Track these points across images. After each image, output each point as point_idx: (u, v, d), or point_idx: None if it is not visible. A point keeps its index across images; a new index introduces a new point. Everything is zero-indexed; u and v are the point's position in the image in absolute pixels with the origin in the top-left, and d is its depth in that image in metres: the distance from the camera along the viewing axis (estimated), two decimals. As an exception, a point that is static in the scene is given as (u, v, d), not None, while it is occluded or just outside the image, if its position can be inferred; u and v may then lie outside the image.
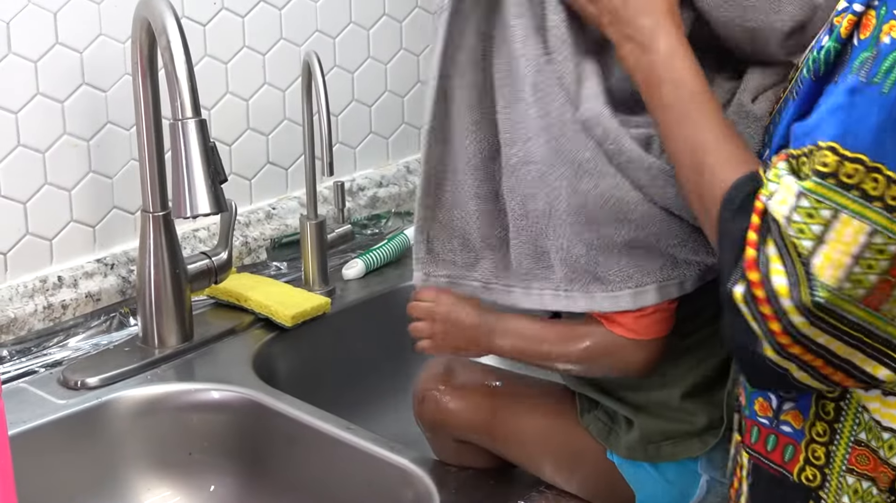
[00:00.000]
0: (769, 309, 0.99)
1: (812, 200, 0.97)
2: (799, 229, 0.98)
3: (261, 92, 1.87)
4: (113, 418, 1.55)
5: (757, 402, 1.13)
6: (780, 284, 0.98)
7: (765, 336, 1.00)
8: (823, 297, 0.97)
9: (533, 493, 1.38)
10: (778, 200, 0.99)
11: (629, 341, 1.22)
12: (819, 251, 0.97)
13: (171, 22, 1.45)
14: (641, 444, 1.28)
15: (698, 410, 1.27)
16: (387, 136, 2.06)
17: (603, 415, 1.32)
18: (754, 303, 1.00)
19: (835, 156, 0.97)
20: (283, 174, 1.93)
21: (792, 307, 0.98)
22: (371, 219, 2.00)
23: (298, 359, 1.74)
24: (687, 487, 1.30)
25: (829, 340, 0.99)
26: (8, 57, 1.60)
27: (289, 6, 1.87)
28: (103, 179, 1.72)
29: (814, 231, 0.97)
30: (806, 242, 0.97)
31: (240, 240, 1.85)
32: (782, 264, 0.99)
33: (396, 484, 1.42)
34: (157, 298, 1.63)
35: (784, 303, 0.98)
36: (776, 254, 0.99)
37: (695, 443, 1.28)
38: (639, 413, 1.28)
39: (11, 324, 1.62)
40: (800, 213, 0.98)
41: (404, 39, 2.04)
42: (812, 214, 0.98)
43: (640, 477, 1.31)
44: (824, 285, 0.97)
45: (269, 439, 1.55)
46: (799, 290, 0.98)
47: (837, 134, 0.97)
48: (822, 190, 0.97)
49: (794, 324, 0.99)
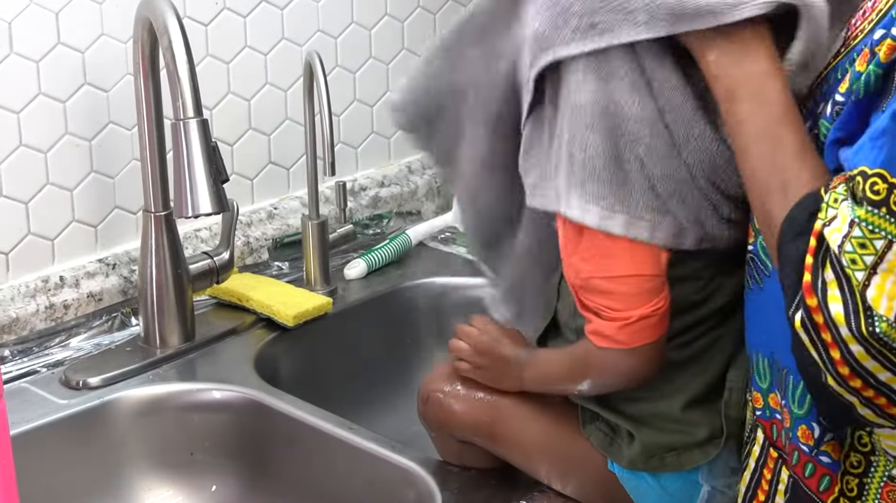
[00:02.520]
0: (829, 336, 0.96)
1: (864, 230, 0.95)
2: (851, 259, 0.95)
3: (262, 92, 1.87)
4: (114, 418, 1.55)
5: (800, 429, 1.11)
6: (837, 311, 0.95)
7: (825, 364, 0.98)
8: (882, 329, 0.94)
9: (535, 494, 1.38)
10: (834, 227, 0.97)
11: (617, 352, 1.22)
12: (872, 282, 0.94)
13: (173, 22, 1.45)
14: (644, 457, 1.28)
15: (700, 421, 1.26)
16: (388, 136, 2.06)
17: (605, 427, 1.32)
18: (815, 330, 0.97)
19: (884, 183, 0.94)
20: (284, 174, 1.93)
21: (850, 336, 0.95)
22: (373, 219, 2.00)
23: (300, 359, 1.74)
24: (688, 498, 1.30)
25: (892, 379, 0.97)
26: (10, 57, 1.60)
27: (290, 6, 1.87)
28: (105, 179, 1.72)
29: (866, 262, 0.95)
30: (858, 274, 0.95)
31: (241, 240, 1.85)
32: (839, 291, 0.96)
33: (398, 484, 1.42)
34: (158, 298, 1.63)
35: (842, 331, 0.95)
36: (833, 279, 0.96)
37: (697, 454, 1.27)
38: (640, 426, 1.28)
39: (13, 324, 1.62)
40: (852, 242, 0.95)
41: (406, 39, 2.04)
42: (865, 244, 0.95)
43: (642, 488, 1.30)
44: (881, 317, 0.94)
45: (270, 439, 1.55)
46: (857, 320, 0.95)
47: (885, 160, 0.95)
48: (875, 219, 0.94)
49: (854, 354, 0.96)
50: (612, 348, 1.21)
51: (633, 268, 1.19)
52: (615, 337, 1.21)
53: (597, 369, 1.25)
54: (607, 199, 1.16)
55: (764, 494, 1.17)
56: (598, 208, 1.16)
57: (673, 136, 1.15)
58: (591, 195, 1.16)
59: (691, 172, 1.16)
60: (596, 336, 1.22)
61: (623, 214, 1.16)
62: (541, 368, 1.33)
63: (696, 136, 1.15)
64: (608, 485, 1.32)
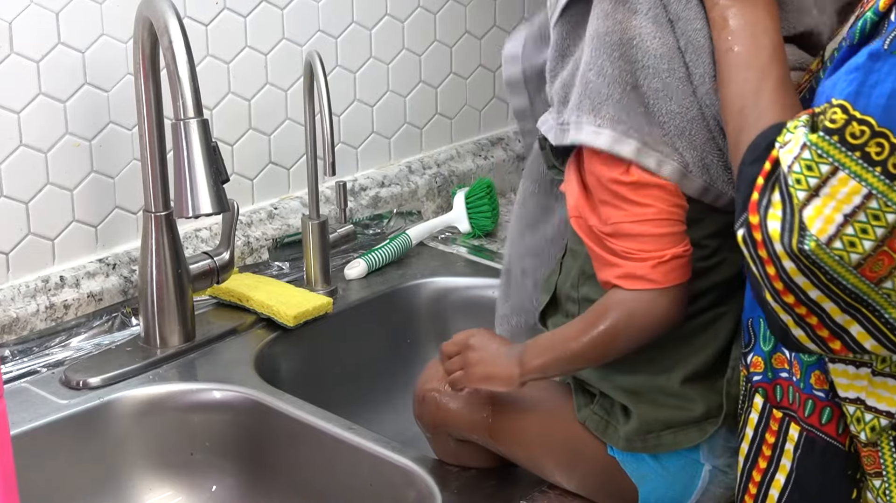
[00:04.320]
0: (765, 252, 1.02)
1: (814, 153, 0.99)
2: (796, 179, 1.00)
3: (263, 92, 1.87)
4: (115, 418, 1.55)
5: (813, 376, 1.13)
6: (773, 228, 1.01)
7: (762, 279, 1.03)
8: (810, 247, 0.99)
9: (535, 493, 1.38)
10: (787, 150, 1.01)
11: (651, 293, 1.22)
12: (811, 203, 0.99)
13: (173, 22, 1.45)
14: (640, 435, 1.28)
15: (697, 397, 1.27)
16: (389, 136, 2.06)
17: (599, 410, 1.32)
18: (753, 246, 1.03)
19: (844, 114, 0.98)
20: (284, 174, 1.93)
21: (783, 251, 1.00)
22: (373, 219, 2.00)
23: (300, 359, 1.74)
24: (689, 478, 1.30)
25: (822, 298, 1.01)
26: (10, 57, 1.60)
27: (291, 6, 1.87)
28: (105, 179, 1.72)
29: (809, 183, 0.99)
30: (800, 193, 0.99)
31: (242, 240, 1.85)
32: (781, 210, 1.00)
33: (398, 484, 1.42)
34: (159, 298, 1.64)
35: (776, 247, 1.01)
36: (779, 200, 1.01)
37: (694, 432, 1.27)
38: (636, 400, 1.28)
39: (13, 324, 1.62)
40: (800, 163, 1.00)
41: (406, 39, 2.04)
42: (811, 167, 0.99)
43: (643, 470, 1.31)
44: (812, 236, 0.99)
45: (270, 439, 1.55)
46: (790, 236, 1.00)
47: (850, 93, 0.99)
48: (825, 145, 0.99)
49: (786, 270, 1.01)
50: (646, 289, 1.22)
51: (663, 211, 1.21)
52: (649, 276, 1.21)
53: (626, 317, 1.23)
54: (621, 125, 1.20)
55: (766, 460, 1.19)
56: (611, 131, 1.20)
57: (691, 74, 1.20)
58: (604, 119, 1.21)
59: (703, 111, 1.20)
60: (627, 279, 1.22)
61: (635, 140, 1.20)
62: (553, 348, 1.29)
63: (712, 76, 1.19)
64: (611, 472, 1.32)
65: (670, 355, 1.27)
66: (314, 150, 1.77)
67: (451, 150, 2.15)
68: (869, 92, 0.97)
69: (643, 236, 1.21)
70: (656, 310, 1.23)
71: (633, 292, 1.22)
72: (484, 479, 1.41)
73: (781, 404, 1.18)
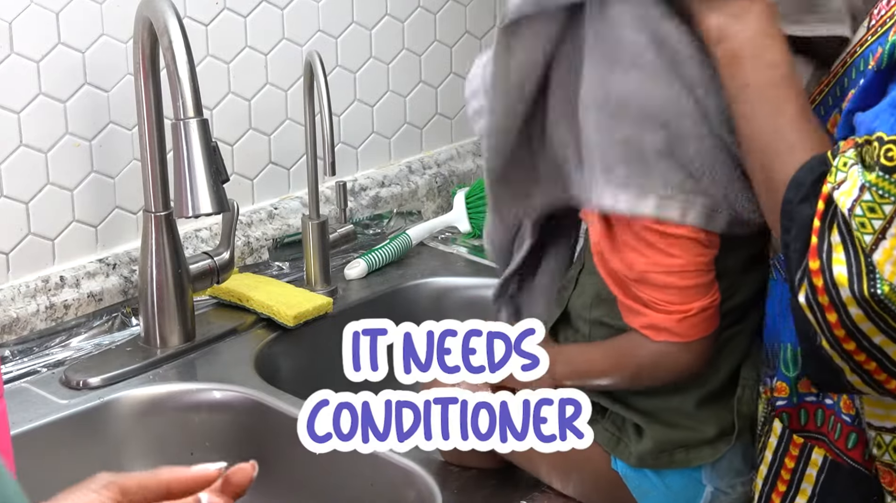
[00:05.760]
0: (826, 299, 0.97)
1: (875, 195, 0.96)
2: (860, 223, 0.96)
3: (263, 92, 1.87)
4: (115, 418, 1.55)
5: (842, 400, 1.11)
6: (840, 273, 0.97)
7: (820, 327, 0.99)
8: (884, 292, 0.95)
9: (535, 493, 1.38)
10: (843, 191, 0.97)
11: (675, 345, 1.21)
12: (880, 247, 0.96)
13: (173, 22, 1.45)
14: (653, 454, 1.28)
15: (711, 417, 1.26)
16: (389, 136, 2.06)
17: (610, 426, 1.31)
18: (813, 293, 0.98)
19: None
20: (284, 174, 1.93)
21: (850, 298, 0.96)
22: (373, 219, 2.00)
23: (300, 358, 1.74)
24: (692, 498, 1.29)
25: (886, 342, 0.98)
26: (10, 57, 1.60)
27: (291, 6, 1.87)
28: (105, 179, 1.72)
29: (874, 226, 0.96)
30: (867, 237, 0.96)
31: (242, 239, 1.85)
32: (844, 254, 0.97)
33: (399, 484, 1.42)
34: (159, 298, 1.63)
35: (843, 293, 0.96)
36: (839, 242, 0.97)
37: (707, 451, 1.27)
38: (650, 421, 1.27)
39: (13, 324, 1.62)
40: (862, 206, 0.96)
41: (406, 39, 2.04)
42: (874, 209, 0.96)
43: (645, 487, 1.30)
44: (885, 280, 0.95)
45: (270, 439, 1.55)
46: (860, 282, 0.96)
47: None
48: (886, 185, 0.96)
49: (852, 317, 0.97)
50: (671, 341, 1.21)
51: (691, 262, 1.19)
52: (674, 329, 1.20)
53: (650, 364, 1.23)
54: (636, 184, 1.16)
55: (785, 484, 1.17)
56: (628, 194, 1.17)
57: (705, 111, 1.15)
58: (618, 181, 1.17)
59: (723, 140, 1.16)
60: (652, 330, 1.21)
61: (654, 195, 1.17)
62: (577, 364, 1.29)
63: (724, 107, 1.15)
64: (609, 484, 1.32)
65: None
66: (314, 150, 1.77)
67: (452, 150, 2.15)
68: None
69: (669, 287, 1.19)
70: (681, 362, 1.22)
71: (659, 343, 1.22)
72: (484, 479, 1.41)
73: (807, 428, 1.16)
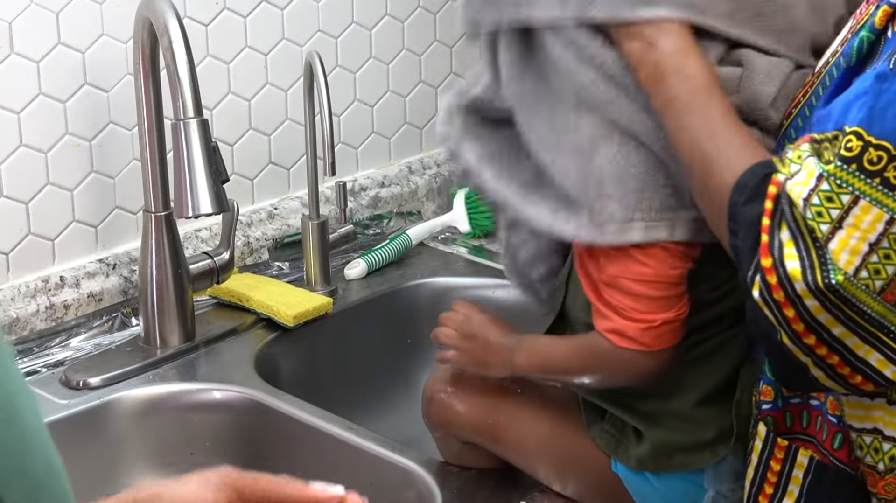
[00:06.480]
0: (782, 294, 0.98)
1: (833, 184, 0.96)
2: (817, 212, 0.97)
3: (263, 92, 1.87)
4: (115, 418, 1.55)
5: (829, 401, 1.11)
6: (793, 268, 0.97)
7: (780, 324, 0.99)
8: (837, 281, 0.96)
9: (535, 493, 1.38)
10: (798, 181, 0.98)
11: (638, 353, 1.22)
12: (836, 236, 0.96)
13: (173, 22, 1.45)
14: (652, 456, 1.28)
15: (710, 420, 1.26)
16: (389, 136, 2.06)
17: (611, 428, 1.31)
18: (767, 290, 0.99)
19: (859, 140, 0.96)
20: (284, 174, 1.93)
21: (805, 290, 0.97)
22: (373, 219, 2.00)
23: (300, 359, 1.74)
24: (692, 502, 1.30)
25: (845, 333, 0.98)
26: (10, 57, 1.60)
27: (291, 6, 1.87)
28: (105, 179, 1.72)
29: (832, 215, 0.96)
30: (823, 226, 0.96)
31: (242, 240, 1.85)
32: (795, 248, 0.97)
33: (398, 484, 1.42)
34: (159, 298, 1.63)
35: (797, 286, 0.97)
36: (789, 237, 0.98)
37: (706, 454, 1.27)
38: (649, 424, 1.28)
39: (14, 325, 1.62)
40: (819, 196, 0.96)
41: (406, 39, 2.04)
42: (832, 198, 0.96)
43: (645, 490, 1.30)
44: (839, 269, 0.96)
45: (270, 439, 1.55)
46: (813, 273, 0.96)
47: (863, 118, 0.96)
48: (844, 174, 0.96)
49: (809, 309, 0.97)
50: (632, 349, 1.21)
51: (663, 274, 1.19)
52: (639, 339, 1.21)
53: (610, 367, 1.24)
54: (620, 213, 1.16)
55: (772, 487, 1.17)
56: (613, 225, 1.17)
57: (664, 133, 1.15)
58: (602, 215, 1.17)
59: None
60: (616, 335, 1.22)
61: (639, 221, 1.17)
62: (540, 356, 1.31)
63: None
64: (609, 486, 1.32)
65: (684, 379, 1.27)
66: (314, 150, 1.77)
67: (451, 150, 2.14)
68: (881, 115, 0.95)
69: (639, 296, 1.20)
70: (641, 369, 1.23)
71: (620, 349, 1.22)
72: (484, 480, 1.41)
73: (793, 430, 1.16)
